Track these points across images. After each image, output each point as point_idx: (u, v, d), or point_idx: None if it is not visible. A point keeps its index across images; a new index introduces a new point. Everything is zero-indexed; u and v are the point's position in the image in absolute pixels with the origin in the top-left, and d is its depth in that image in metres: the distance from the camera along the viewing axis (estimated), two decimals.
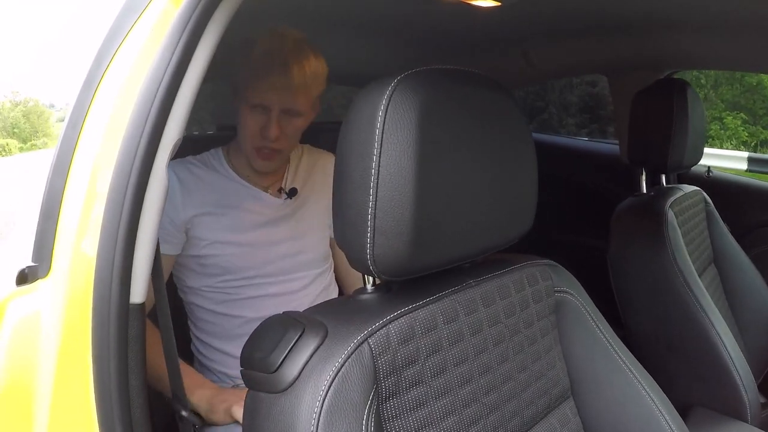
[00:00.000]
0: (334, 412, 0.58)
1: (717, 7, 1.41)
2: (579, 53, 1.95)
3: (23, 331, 0.65)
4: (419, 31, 1.77)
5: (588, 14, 1.60)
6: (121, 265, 0.60)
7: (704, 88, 11.88)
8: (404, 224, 0.61)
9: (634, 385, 0.90)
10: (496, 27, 1.73)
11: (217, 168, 1.26)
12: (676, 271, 1.37)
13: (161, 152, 0.63)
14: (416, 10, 1.55)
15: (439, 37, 1.82)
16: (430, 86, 0.65)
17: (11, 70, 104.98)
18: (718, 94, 11.86)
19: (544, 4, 1.47)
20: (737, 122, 11.30)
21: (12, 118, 52.22)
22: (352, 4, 1.48)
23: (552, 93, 8.83)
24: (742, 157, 5.57)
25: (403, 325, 0.66)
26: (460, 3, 1.33)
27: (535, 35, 1.83)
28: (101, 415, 0.61)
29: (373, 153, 0.61)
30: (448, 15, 1.53)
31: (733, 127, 11.24)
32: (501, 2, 1.36)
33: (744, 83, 11.73)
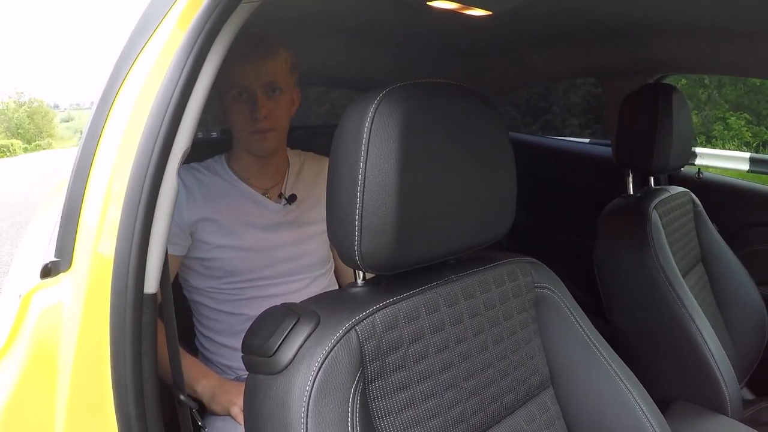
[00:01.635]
0: (323, 391, 0.65)
1: (704, 14, 1.46)
2: (572, 58, 2.01)
3: (47, 318, 0.72)
4: (417, 37, 1.83)
5: (579, 21, 1.66)
6: (137, 260, 0.67)
7: (708, 88, 11.83)
8: (388, 223, 0.69)
9: (611, 376, 0.95)
10: (490, 34, 1.79)
11: (220, 173, 1.33)
12: (659, 270, 1.42)
13: (172, 160, 0.70)
14: (414, 18, 1.61)
15: (436, 43, 1.89)
16: (413, 99, 0.72)
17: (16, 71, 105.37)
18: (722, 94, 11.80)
19: (536, 11, 1.53)
20: (741, 122, 11.23)
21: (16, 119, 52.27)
22: (352, 12, 1.55)
23: (555, 94, 8.84)
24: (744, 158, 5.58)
25: (388, 314, 0.73)
26: (453, 12, 1.40)
27: (529, 41, 1.89)
28: (117, 393, 0.69)
29: (360, 160, 0.68)
30: (445, 22, 1.59)
31: (737, 128, 11.17)
32: (493, 11, 1.42)
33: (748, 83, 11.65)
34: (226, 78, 1.20)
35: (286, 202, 1.34)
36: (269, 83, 1.24)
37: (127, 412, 0.69)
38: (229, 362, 1.30)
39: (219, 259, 1.26)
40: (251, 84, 1.22)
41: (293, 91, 1.32)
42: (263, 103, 1.23)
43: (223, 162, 1.35)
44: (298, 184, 1.39)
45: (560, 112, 8.87)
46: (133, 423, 0.69)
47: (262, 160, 1.33)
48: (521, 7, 1.38)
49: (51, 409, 0.71)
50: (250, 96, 1.23)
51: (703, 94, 11.97)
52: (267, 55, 1.24)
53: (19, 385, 0.72)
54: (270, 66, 1.23)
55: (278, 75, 1.25)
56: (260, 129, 1.25)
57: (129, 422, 0.69)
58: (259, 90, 1.23)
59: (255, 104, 1.22)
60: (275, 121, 1.26)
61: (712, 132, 11.49)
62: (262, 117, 1.23)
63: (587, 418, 0.96)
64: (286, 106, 1.29)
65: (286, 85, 1.28)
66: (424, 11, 1.41)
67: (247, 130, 1.25)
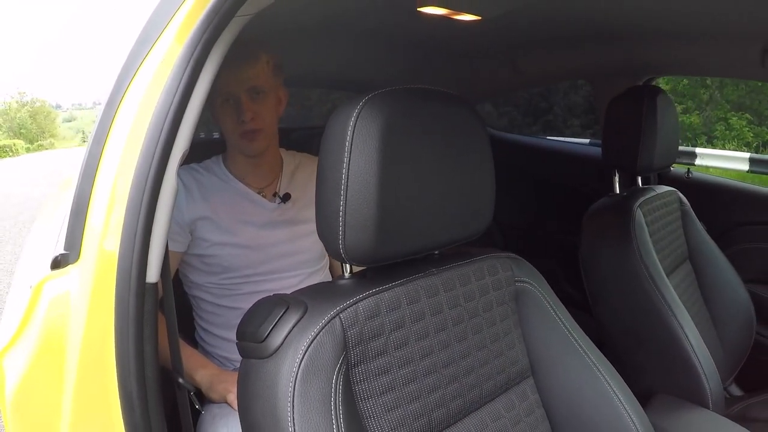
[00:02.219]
0: (308, 372, 0.71)
1: (691, 18, 1.51)
2: (562, 61, 2.05)
3: (56, 306, 0.79)
4: (410, 41, 1.88)
5: (568, 25, 1.69)
6: (139, 252, 0.74)
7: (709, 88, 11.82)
8: (369, 219, 0.75)
9: (589, 367, 1.00)
10: (481, 38, 1.83)
11: (217, 173, 1.39)
12: (641, 267, 1.46)
13: (172, 161, 0.77)
14: (406, 23, 1.66)
15: (429, 47, 1.93)
16: (393, 104, 0.78)
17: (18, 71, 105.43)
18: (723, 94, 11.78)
19: (525, 16, 1.57)
20: (742, 123, 11.20)
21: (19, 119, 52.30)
22: (347, 16, 1.60)
23: (556, 94, 8.85)
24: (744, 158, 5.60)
25: (370, 303, 0.79)
26: (443, 17, 1.45)
27: (519, 45, 1.93)
28: (120, 374, 0.75)
29: (344, 160, 0.74)
30: (436, 27, 1.63)
31: (738, 128, 11.14)
32: (482, 17, 1.47)
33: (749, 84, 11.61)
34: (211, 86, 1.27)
35: (281, 200, 1.39)
36: (252, 87, 1.29)
37: (129, 392, 0.75)
38: (228, 354, 1.35)
39: (217, 256, 1.31)
40: (234, 90, 1.28)
41: (279, 91, 1.37)
42: (248, 106, 1.28)
43: (220, 162, 1.41)
44: (292, 184, 1.43)
45: (561, 113, 8.88)
46: (135, 402, 0.75)
47: (254, 159, 1.38)
48: (510, 12, 1.43)
49: (59, 390, 0.77)
50: (235, 101, 1.28)
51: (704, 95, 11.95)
52: (247, 61, 1.28)
53: (30, 367, 0.79)
54: (251, 71, 1.29)
55: (260, 78, 1.30)
56: (247, 131, 1.30)
57: (131, 401, 0.75)
58: (242, 94, 1.28)
59: (240, 108, 1.28)
60: (261, 122, 1.31)
61: (714, 132, 11.46)
62: (248, 119, 1.28)
63: (566, 407, 1.00)
64: (271, 106, 1.34)
65: (270, 86, 1.33)
66: (415, 17, 1.46)
67: (236, 133, 1.31)
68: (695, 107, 11.94)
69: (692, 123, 11.60)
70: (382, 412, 0.79)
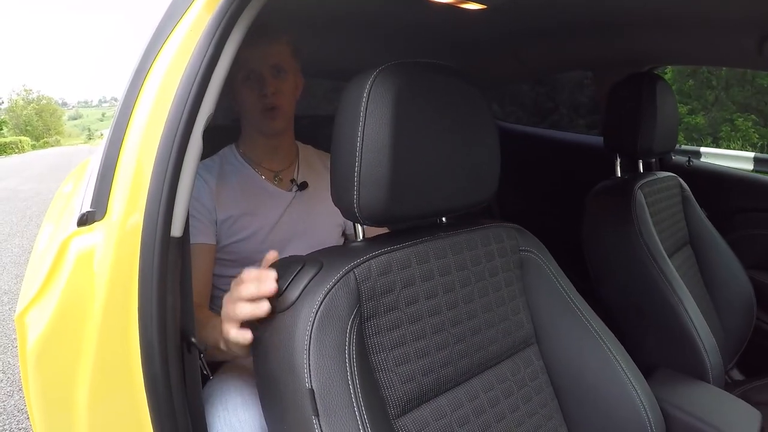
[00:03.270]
0: (323, 323, 0.75)
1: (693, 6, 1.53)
2: (566, 51, 2.08)
3: (82, 261, 0.83)
4: (413, 30, 1.90)
5: (573, 14, 1.71)
6: (165, 206, 0.78)
7: (715, 89, 11.81)
8: (382, 179, 0.79)
9: (591, 335, 1.03)
10: (485, 27, 1.86)
11: (232, 161, 1.40)
12: (642, 245, 1.50)
13: (198, 123, 0.81)
14: (409, 11, 1.69)
15: (432, 36, 1.96)
16: (405, 74, 0.83)
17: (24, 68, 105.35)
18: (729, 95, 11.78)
19: (530, 5, 1.60)
20: (748, 123, 11.20)
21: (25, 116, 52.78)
22: (350, 6, 1.63)
23: (562, 93, 8.87)
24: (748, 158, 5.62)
25: (382, 261, 0.84)
26: (448, 6, 1.48)
27: (524, 35, 1.96)
28: (141, 324, 0.79)
29: (359, 125, 0.79)
30: (440, 16, 1.66)
31: (744, 129, 11.14)
32: (487, 5, 1.50)
33: (755, 84, 11.61)
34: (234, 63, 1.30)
35: (298, 188, 1.42)
36: (275, 65, 1.32)
37: (150, 341, 0.79)
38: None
39: (233, 250, 1.33)
40: (258, 65, 1.30)
41: (297, 76, 1.40)
42: (270, 81, 1.31)
43: (234, 149, 1.43)
44: (308, 172, 1.47)
45: (567, 113, 8.90)
46: (156, 352, 0.79)
47: (272, 141, 1.40)
48: (515, 1, 1.46)
49: (81, 343, 0.81)
50: (257, 76, 1.31)
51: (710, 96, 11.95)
52: (271, 40, 1.32)
53: (53, 322, 0.83)
54: (274, 48, 1.32)
55: (283, 57, 1.34)
56: (268, 107, 1.32)
57: (152, 351, 0.79)
58: (265, 70, 1.31)
59: (263, 82, 1.31)
60: (282, 99, 1.34)
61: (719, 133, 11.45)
62: (271, 93, 1.31)
63: (568, 373, 1.04)
64: (291, 87, 1.37)
65: (290, 67, 1.36)
66: (421, 6, 1.50)
67: (257, 108, 1.33)
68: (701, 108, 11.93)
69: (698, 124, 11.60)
70: (393, 366, 0.83)
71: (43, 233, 1.11)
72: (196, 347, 0.87)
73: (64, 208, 1.13)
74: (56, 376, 0.84)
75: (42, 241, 1.05)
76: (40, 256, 0.97)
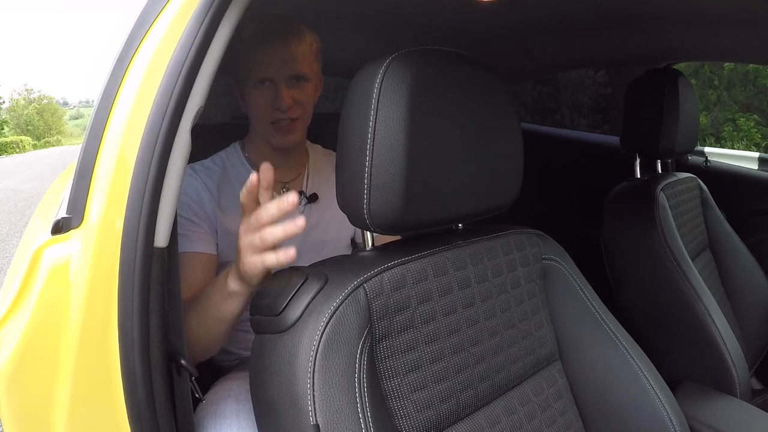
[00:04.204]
0: (330, 346, 0.65)
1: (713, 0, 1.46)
2: (579, 47, 2.00)
3: (56, 274, 0.73)
4: (421, 25, 1.83)
5: (587, 8, 1.65)
6: (148, 212, 0.68)
7: (717, 89, 11.77)
8: (396, 181, 0.69)
9: (619, 349, 0.95)
10: (497, 21, 1.79)
11: (237, 166, 1.24)
12: (666, 249, 1.42)
13: (186, 117, 0.71)
14: (418, 5, 1.61)
15: (441, 31, 1.88)
16: (421, 63, 0.73)
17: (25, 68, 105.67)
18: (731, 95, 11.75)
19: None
20: (750, 124, 11.18)
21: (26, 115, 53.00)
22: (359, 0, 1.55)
23: (564, 93, 8.84)
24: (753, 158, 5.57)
25: (396, 274, 0.73)
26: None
27: (536, 29, 1.89)
28: (123, 349, 0.69)
29: (370, 119, 0.69)
30: (450, 9, 1.59)
31: (746, 129, 11.12)
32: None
33: (757, 84, 11.60)
34: (245, 63, 1.15)
35: (307, 201, 1.28)
36: (293, 75, 1.16)
37: (132, 368, 0.69)
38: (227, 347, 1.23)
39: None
40: (274, 75, 1.14)
41: (318, 78, 1.24)
42: (287, 93, 1.14)
43: (239, 151, 1.28)
44: (319, 181, 1.32)
45: (569, 113, 8.86)
46: (138, 380, 0.69)
47: (283, 151, 1.25)
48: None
49: (57, 366, 0.72)
50: (272, 87, 1.15)
51: (712, 96, 11.91)
52: (291, 39, 1.14)
53: (26, 341, 0.73)
54: (296, 50, 1.14)
55: (304, 62, 1.17)
56: (283, 120, 1.17)
57: (134, 379, 0.69)
58: (282, 81, 1.15)
59: (278, 93, 1.14)
60: (299, 110, 1.18)
61: (722, 133, 11.42)
62: (286, 109, 1.15)
63: (594, 391, 0.96)
64: (310, 95, 1.21)
65: (312, 72, 1.20)
66: None
67: (268, 120, 1.18)
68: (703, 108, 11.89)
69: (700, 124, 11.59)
70: (408, 393, 0.73)
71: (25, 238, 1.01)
72: (186, 369, 0.76)
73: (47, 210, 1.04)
74: (30, 403, 0.75)
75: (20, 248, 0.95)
76: (14, 266, 0.87)
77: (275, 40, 1.13)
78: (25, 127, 52.10)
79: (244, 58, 1.14)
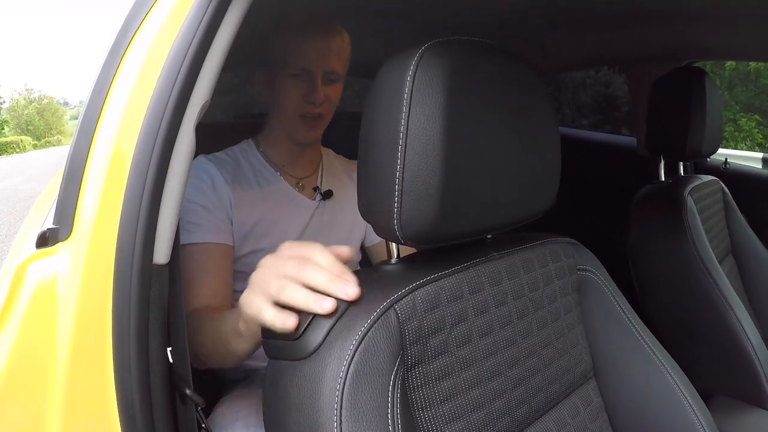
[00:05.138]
0: (360, 378, 0.56)
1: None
2: (597, 44, 1.93)
3: (42, 293, 0.65)
4: (434, 22, 1.76)
5: (607, 4, 1.58)
6: (146, 224, 0.59)
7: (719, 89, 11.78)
8: (432, 187, 0.60)
9: (655, 365, 0.89)
10: (511, 18, 1.72)
11: (252, 162, 1.22)
12: (696, 257, 1.36)
13: (189, 113, 0.62)
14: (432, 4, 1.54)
15: (455, 27, 1.81)
16: (457, 54, 0.64)
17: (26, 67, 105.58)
18: (732, 95, 11.76)
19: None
20: (752, 124, 11.21)
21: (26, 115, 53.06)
22: None
23: (566, 93, 8.80)
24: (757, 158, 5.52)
25: (429, 292, 0.65)
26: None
27: (551, 27, 1.82)
28: (119, 379, 0.61)
29: (401, 117, 0.60)
30: (463, 5, 1.52)
31: (748, 129, 11.15)
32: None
33: (759, 84, 11.63)
34: (282, 53, 1.13)
35: (322, 197, 1.26)
36: (331, 70, 1.16)
37: (130, 402, 0.61)
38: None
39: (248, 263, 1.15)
40: (312, 66, 1.13)
41: (343, 81, 1.24)
42: (321, 89, 1.14)
43: (253, 148, 1.25)
44: (332, 180, 1.31)
45: (570, 112, 8.82)
46: (137, 413, 0.61)
47: (301, 147, 1.24)
48: None
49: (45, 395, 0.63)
50: (309, 77, 1.14)
51: None
52: (330, 34, 1.14)
53: (9, 369, 0.65)
54: (334, 45, 1.15)
55: (341, 59, 1.17)
56: (311, 114, 1.16)
57: (132, 414, 0.61)
58: (319, 74, 1.14)
59: (313, 87, 1.13)
60: (327, 107, 1.18)
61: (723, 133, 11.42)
62: (319, 101, 1.14)
63: (630, 411, 0.89)
64: (338, 93, 1.21)
65: (343, 72, 1.20)
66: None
67: (298, 111, 1.16)
68: None
69: None
70: (443, 424, 0.65)
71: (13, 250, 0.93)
72: (191, 399, 0.68)
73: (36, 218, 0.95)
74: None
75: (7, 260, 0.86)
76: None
77: (319, 33, 1.13)
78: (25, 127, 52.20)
79: (281, 47, 1.14)
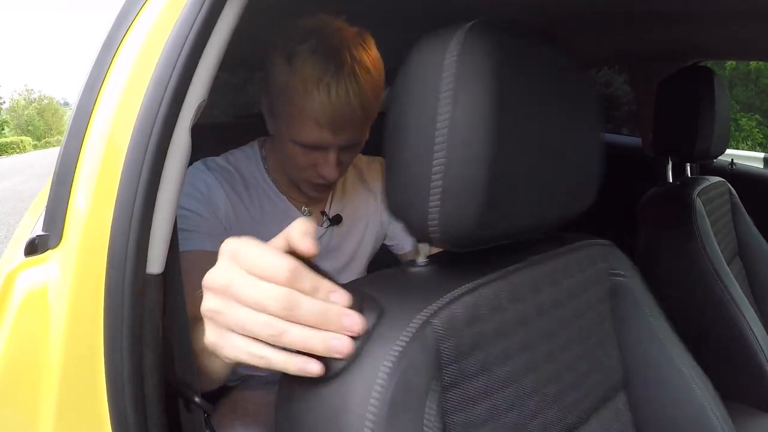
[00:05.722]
0: (394, 405, 0.49)
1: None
2: (602, 44, 1.89)
3: (31, 303, 0.62)
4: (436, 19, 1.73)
5: (612, 3, 1.56)
6: (138, 231, 0.56)
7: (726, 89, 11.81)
8: (478, 186, 0.53)
9: (687, 381, 0.82)
10: (510, 14, 1.69)
11: (257, 178, 1.09)
12: (705, 260, 1.33)
13: (184, 113, 0.58)
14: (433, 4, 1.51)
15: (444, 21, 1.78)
16: (505, 37, 0.57)
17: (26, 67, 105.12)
18: (732, 95, 11.77)
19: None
20: (752, 123, 11.22)
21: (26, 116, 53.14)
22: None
23: None
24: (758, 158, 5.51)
25: (468, 304, 0.57)
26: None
27: (554, 26, 1.79)
28: (112, 394, 0.57)
29: (441, 104, 0.53)
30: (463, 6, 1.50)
31: (748, 129, 11.15)
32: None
33: (759, 84, 11.64)
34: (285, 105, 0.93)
35: (330, 223, 1.14)
36: (349, 144, 0.96)
37: (123, 417, 0.57)
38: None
39: None
40: (326, 143, 0.93)
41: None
42: (337, 162, 0.97)
43: (259, 161, 1.11)
44: (344, 200, 1.18)
45: None
46: (131, 429, 0.57)
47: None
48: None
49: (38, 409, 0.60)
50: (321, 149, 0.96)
51: None
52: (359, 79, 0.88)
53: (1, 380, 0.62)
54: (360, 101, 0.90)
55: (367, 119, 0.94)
56: (322, 184, 1.02)
57: (125, 427, 0.57)
58: (333, 149, 0.95)
59: (326, 162, 0.96)
60: (341, 171, 1.01)
61: None
62: (332, 179, 0.99)
63: (659, 427, 0.82)
64: (357, 153, 1.04)
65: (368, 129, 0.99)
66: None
67: (304, 177, 1.02)
68: None
69: None
70: None
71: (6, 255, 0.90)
72: (200, 407, 0.63)
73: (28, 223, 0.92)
74: None
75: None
76: None
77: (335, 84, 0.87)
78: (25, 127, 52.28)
79: (286, 94, 0.91)
